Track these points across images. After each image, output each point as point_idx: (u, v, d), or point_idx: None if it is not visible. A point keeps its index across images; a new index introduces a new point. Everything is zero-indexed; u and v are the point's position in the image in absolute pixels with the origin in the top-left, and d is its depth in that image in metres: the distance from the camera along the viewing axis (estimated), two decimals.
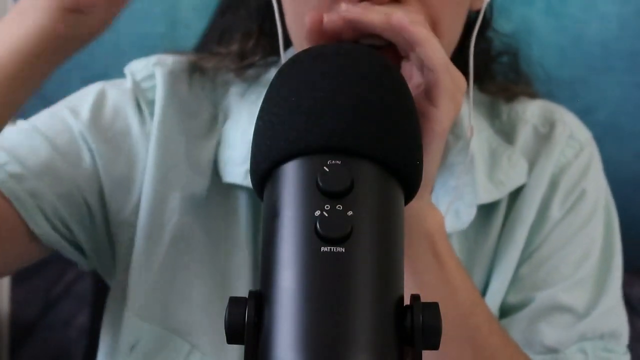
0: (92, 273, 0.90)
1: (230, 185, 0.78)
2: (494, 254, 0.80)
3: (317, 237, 0.42)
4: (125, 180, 0.77)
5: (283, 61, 0.71)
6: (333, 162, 0.44)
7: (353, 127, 0.45)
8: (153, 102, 0.78)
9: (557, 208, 0.80)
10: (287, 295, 0.41)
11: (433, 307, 0.43)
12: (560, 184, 0.81)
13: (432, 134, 0.58)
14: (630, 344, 0.80)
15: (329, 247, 0.42)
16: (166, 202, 0.77)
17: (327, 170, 0.44)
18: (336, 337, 0.40)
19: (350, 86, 0.47)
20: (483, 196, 0.78)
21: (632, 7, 1.23)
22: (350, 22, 0.59)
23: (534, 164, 0.82)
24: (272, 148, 0.46)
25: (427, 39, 0.57)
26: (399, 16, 0.57)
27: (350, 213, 0.43)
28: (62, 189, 0.74)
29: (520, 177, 0.80)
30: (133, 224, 0.77)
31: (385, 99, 0.48)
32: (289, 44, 0.72)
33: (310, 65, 0.50)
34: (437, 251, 0.64)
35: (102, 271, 0.82)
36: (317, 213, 0.43)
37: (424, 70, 0.59)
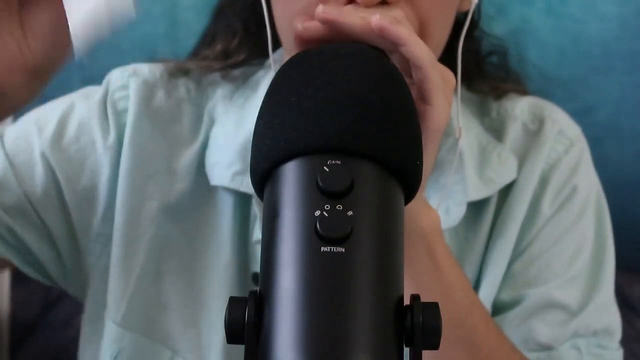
0: None
1: (215, 188, 0.78)
2: (485, 251, 0.80)
3: (317, 237, 0.42)
4: (90, 194, 0.77)
5: (272, 62, 0.72)
6: (333, 162, 0.44)
7: (353, 127, 0.45)
8: (124, 111, 0.79)
9: (548, 205, 0.80)
10: (287, 295, 0.41)
11: (433, 307, 0.43)
12: (551, 180, 0.81)
13: (429, 132, 0.57)
14: (630, 344, 0.80)
15: (329, 247, 0.42)
16: (142, 213, 0.77)
17: (327, 170, 0.44)
18: (336, 337, 0.40)
19: (350, 86, 0.47)
20: (473, 193, 0.78)
21: (632, 7, 1.23)
22: (328, 23, 0.57)
23: (523, 160, 0.81)
24: (272, 148, 0.46)
25: (409, 37, 0.56)
26: (377, 18, 0.56)
27: (350, 213, 0.43)
28: (13, 205, 0.74)
29: (510, 174, 0.80)
30: (103, 234, 0.77)
31: (385, 98, 0.48)
32: (277, 44, 0.72)
33: (310, 65, 0.50)
34: (432, 251, 0.64)
35: (67, 287, 0.82)
36: (317, 213, 0.43)
37: (411, 69, 0.58)
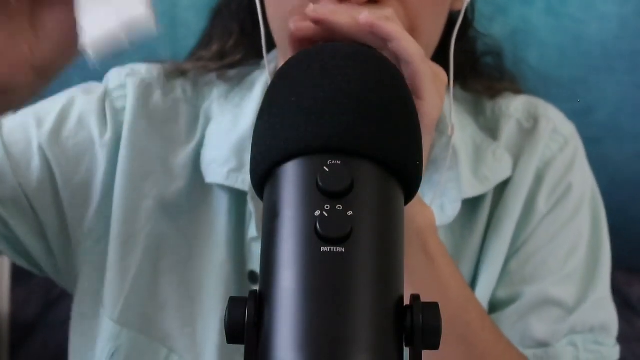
0: None
1: (211, 186, 0.78)
2: (481, 248, 0.81)
3: (317, 237, 0.42)
4: (84, 191, 0.77)
5: (266, 62, 0.72)
6: (333, 162, 0.44)
7: (353, 127, 0.45)
8: (121, 110, 0.79)
9: (543, 202, 0.80)
10: (287, 295, 0.41)
11: (433, 307, 0.43)
12: (546, 178, 0.81)
13: (422, 127, 0.58)
14: (630, 344, 0.80)
15: (329, 247, 0.42)
16: (139, 211, 0.77)
17: (327, 170, 0.44)
18: (336, 337, 0.40)
19: (350, 86, 0.47)
20: (468, 191, 0.78)
21: (632, 7, 1.23)
22: (319, 22, 0.58)
23: (518, 158, 0.82)
24: (272, 148, 0.46)
25: (397, 32, 0.57)
26: (365, 15, 0.57)
27: (350, 213, 0.43)
28: (7, 196, 0.75)
29: (504, 171, 0.81)
30: (95, 230, 0.78)
31: (385, 98, 0.48)
32: (272, 44, 0.72)
33: (309, 65, 0.50)
34: (428, 249, 0.64)
35: (58, 278, 0.82)
36: (317, 213, 0.43)
37: (401, 64, 0.58)
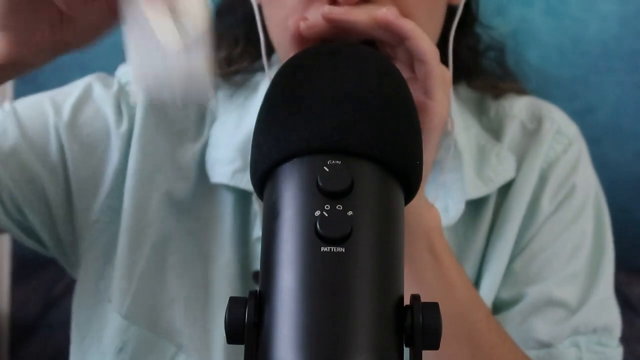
0: None
1: (216, 186, 0.79)
2: (485, 249, 0.81)
3: (317, 237, 0.42)
4: (94, 180, 0.78)
5: (266, 67, 0.72)
6: (333, 162, 0.44)
7: (353, 127, 0.45)
8: (134, 105, 0.80)
9: (547, 203, 0.80)
10: (287, 295, 0.41)
11: (433, 307, 0.43)
12: (550, 178, 0.81)
13: (430, 126, 0.58)
14: (630, 344, 0.80)
15: (329, 247, 0.42)
16: (149, 205, 0.78)
17: (327, 170, 0.44)
18: (336, 337, 0.40)
19: (350, 86, 0.47)
20: (472, 192, 0.78)
21: (632, 7, 1.23)
22: (334, 22, 0.58)
23: (522, 159, 0.82)
24: (272, 148, 0.46)
25: (415, 31, 0.58)
26: (383, 12, 0.58)
27: (350, 213, 0.43)
28: (22, 176, 0.75)
29: (508, 172, 0.81)
30: (101, 221, 0.78)
31: (385, 98, 0.48)
32: (272, 49, 0.72)
33: (309, 65, 0.50)
34: (434, 249, 0.64)
35: (64, 262, 0.82)
36: (317, 213, 0.42)
37: (414, 63, 0.59)
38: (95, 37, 0.58)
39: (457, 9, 0.72)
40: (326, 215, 0.42)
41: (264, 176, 0.47)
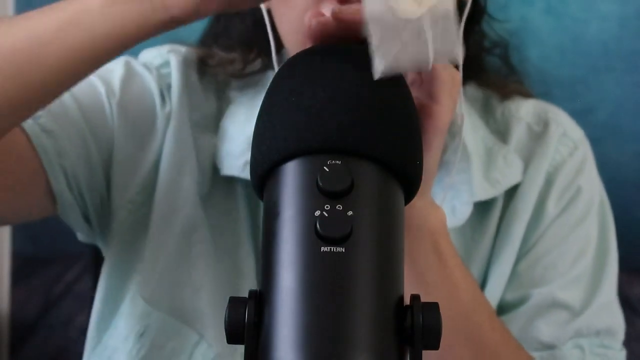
0: (93, 273, 0.90)
1: (229, 179, 0.79)
2: (491, 251, 0.81)
3: (317, 237, 0.42)
4: (135, 160, 0.78)
5: (276, 67, 0.72)
6: (333, 162, 0.44)
7: (353, 127, 0.45)
8: (170, 87, 0.80)
9: (553, 206, 0.81)
10: (287, 295, 0.41)
11: (433, 307, 0.43)
12: (556, 182, 0.81)
13: (434, 130, 0.58)
14: (630, 344, 0.80)
15: (329, 247, 0.42)
16: (180, 189, 0.78)
17: (327, 170, 0.44)
18: (336, 337, 0.40)
19: (350, 86, 0.47)
20: (479, 193, 0.78)
21: (632, 7, 1.23)
22: (343, 22, 0.58)
23: (528, 162, 0.82)
24: (272, 148, 0.46)
25: None
26: None
27: (350, 213, 0.43)
28: (84, 153, 0.76)
29: (515, 175, 0.81)
30: (133, 201, 0.78)
31: (385, 98, 0.48)
32: (281, 48, 0.72)
33: (309, 65, 0.50)
34: (439, 249, 0.64)
35: (100, 243, 0.82)
36: (317, 213, 0.42)
37: None
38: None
39: (465, 5, 0.72)
40: (326, 215, 0.42)
41: (264, 176, 0.47)
